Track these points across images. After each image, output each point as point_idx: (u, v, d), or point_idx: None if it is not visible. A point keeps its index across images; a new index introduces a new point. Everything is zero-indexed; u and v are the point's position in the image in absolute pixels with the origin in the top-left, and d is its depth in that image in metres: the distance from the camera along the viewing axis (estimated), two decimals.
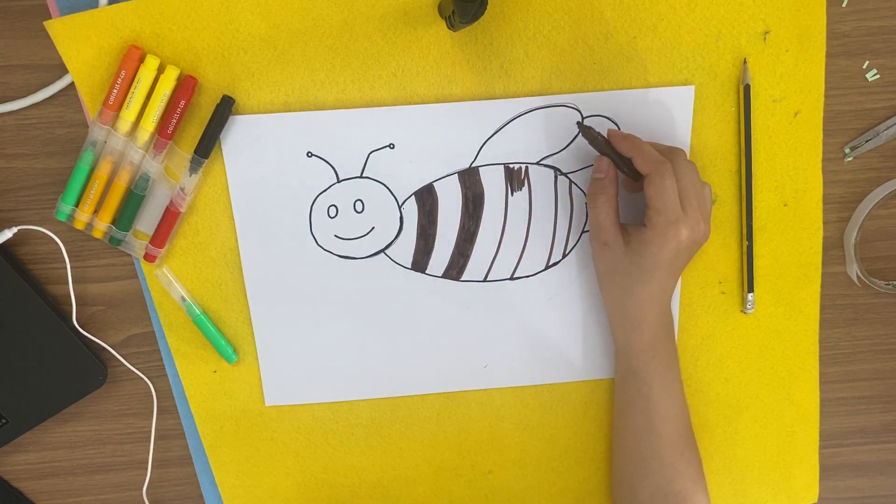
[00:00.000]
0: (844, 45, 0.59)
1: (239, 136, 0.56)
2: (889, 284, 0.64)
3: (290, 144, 0.57)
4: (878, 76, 0.60)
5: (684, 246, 0.53)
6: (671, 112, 0.58)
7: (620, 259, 0.55)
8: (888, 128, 0.60)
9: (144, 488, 0.64)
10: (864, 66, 0.60)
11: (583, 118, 0.57)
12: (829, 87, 0.59)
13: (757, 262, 0.62)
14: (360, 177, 0.58)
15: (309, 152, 0.57)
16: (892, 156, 0.62)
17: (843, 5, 0.58)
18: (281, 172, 0.57)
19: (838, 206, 0.63)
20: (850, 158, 0.62)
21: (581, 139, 0.58)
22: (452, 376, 0.64)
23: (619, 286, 0.57)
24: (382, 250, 0.60)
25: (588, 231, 0.61)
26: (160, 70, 0.53)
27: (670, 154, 0.54)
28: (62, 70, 0.55)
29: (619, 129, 0.58)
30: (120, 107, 0.54)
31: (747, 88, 0.58)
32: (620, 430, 0.61)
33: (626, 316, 0.57)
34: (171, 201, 0.56)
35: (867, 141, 0.61)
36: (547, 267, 0.61)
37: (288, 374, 0.63)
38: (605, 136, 0.55)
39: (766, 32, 0.57)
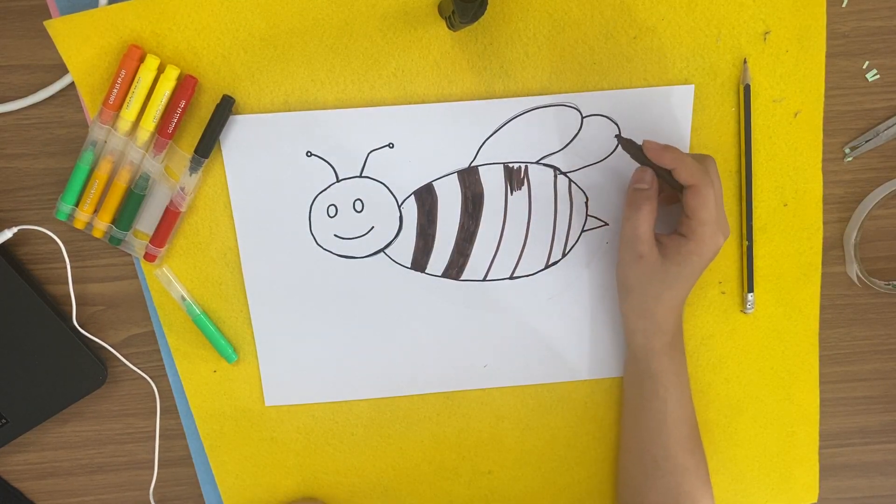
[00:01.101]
0: (844, 45, 0.59)
1: (238, 135, 0.56)
2: (889, 284, 0.64)
3: (290, 144, 0.57)
4: (878, 76, 0.60)
5: (717, 253, 0.54)
6: (671, 111, 0.58)
7: (654, 269, 0.54)
8: (888, 128, 0.60)
9: (151, 489, 0.64)
10: (864, 66, 0.60)
11: (582, 118, 0.57)
12: (829, 87, 0.59)
13: (757, 262, 0.62)
14: (360, 176, 0.58)
15: (308, 152, 0.57)
16: (892, 156, 0.62)
17: (843, 5, 0.58)
18: (280, 172, 0.57)
19: (838, 206, 0.63)
20: (850, 158, 0.62)
21: (581, 140, 0.58)
22: (452, 376, 0.64)
23: (649, 294, 0.56)
24: (382, 250, 0.60)
25: (588, 231, 0.61)
26: (160, 70, 0.54)
27: (704, 161, 0.54)
28: (62, 70, 0.55)
29: (619, 128, 0.58)
30: (120, 106, 0.54)
31: (747, 88, 0.58)
32: (631, 432, 0.61)
33: (652, 321, 0.57)
34: (171, 201, 0.56)
35: (867, 141, 0.61)
36: (547, 266, 0.61)
37: (288, 373, 0.62)
38: (641, 145, 0.54)
39: (766, 32, 0.57)
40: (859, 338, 0.66)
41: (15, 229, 0.56)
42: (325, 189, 0.58)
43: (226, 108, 0.55)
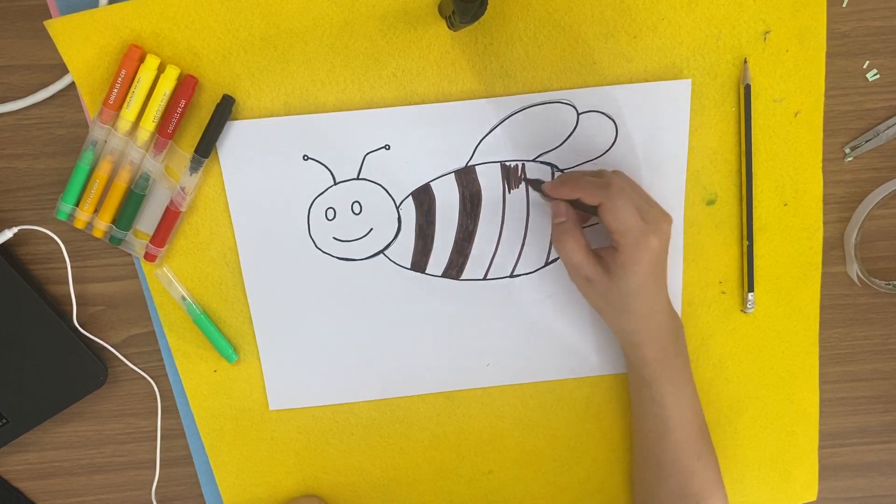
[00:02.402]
0: (844, 45, 0.59)
1: (234, 141, 0.56)
2: (889, 284, 0.64)
3: (286, 148, 0.57)
4: (878, 76, 0.60)
5: (658, 251, 0.53)
6: (668, 106, 0.58)
7: (607, 287, 0.55)
8: (888, 128, 0.60)
9: (153, 489, 0.64)
10: (864, 66, 0.60)
11: (578, 115, 0.57)
12: (829, 87, 0.59)
13: (757, 262, 0.62)
14: (357, 178, 0.58)
15: (305, 155, 0.57)
16: (892, 156, 0.62)
17: (843, 5, 0.58)
18: (277, 176, 0.57)
19: (838, 206, 0.63)
20: (850, 158, 0.62)
21: (578, 137, 0.58)
22: (455, 376, 0.64)
23: (614, 307, 0.56)
24: (381, 251, 0.60)
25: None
26: (160, 70, 0.54)
27: (605, 174, 0.54)
28: (62, 70, 0.55)
29: (615, 125, 0.58)
30: (120, 106, 0.54)
31: (747, 88, 0.58)
32: (637, 435, 0.62)
33: (630, 332, 0.57)
34: (172, 201, 0.56)
35: (867, 141, 0.61)
36: (546, 263, 0.61)
37: (291, 378, 0.62)
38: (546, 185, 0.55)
39: (767, 32, 0.57)
40: (859, 338, 0.66)
41: (15, 229, 0.56)
42: (322, 192, 0.58)
43: (226, 108, 0.55)
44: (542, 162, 0.59)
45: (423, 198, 0.59)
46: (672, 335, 0.58)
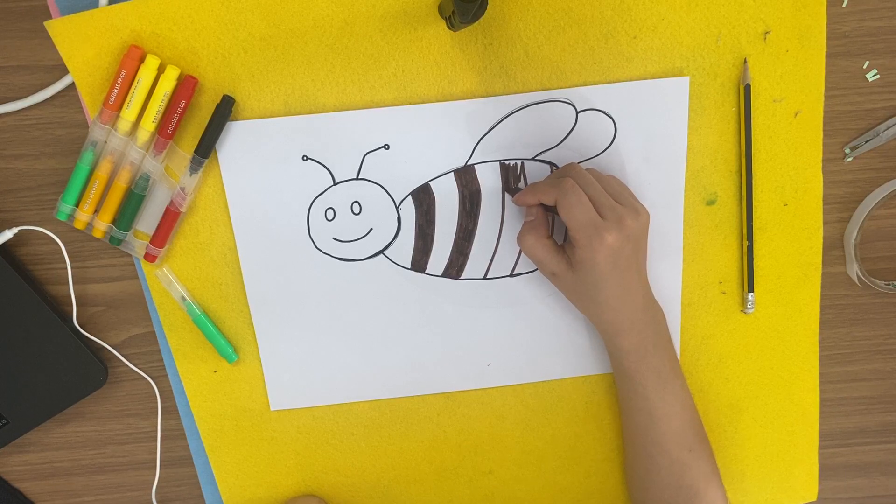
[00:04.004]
0: (844, 45, 0.59)
1: (234, 141, 0.56)
2: (889, 284, 0.64)
3: (285, 149, 0.57)
4: (878, 76, 0.60)
5: (618, 247, 0.53)
6: (666, 104, 0.58)
7: (572, 279, 0.56)
8: (888, 128, 0.60)
9: (154, 489, 0.64)
10: (864, 67, 0.60)
11: (577, 113, 0.57)
12: (829, 87, 0.59)
13: (757, 262, 0.62)
14: (357, 178, 0.58)
15: (304, 156, 0.57)
16: (892, 156, 0.62)
17: (843, 5, 0.58)
18: (277, 177, 0.57)
19: (838, 206, 0.63)
20: (850, 158, 0.62)
21: (577, 136, 0.58)
22: (456, 376, 0.64)
23: (584, 300, 0.57)
24: (381, 251, 0.60)
25: None
26: (160, 70, 0.54)
27: (564, 172, 0.55)
28: (63, 70, 0.55)
29: (614, 122, 0.58)
30: (120, 107, 0.54)
31: (747, 88, 0.58)
32: (626, 429, 0.62)
33: (604, 323, 0.57)
34: (172, 201, 0.56)
35: (867, 141, 0.61)
36: None
37: (292, 378, 0.62)
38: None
39: (767, 32, 0.57)
40: (859, 338, 0.66)
41: (15, 230, 0.56)
42: (322, 192, 0.58)
43: (226, 109, 0.55)
44: (541, 160, 0.59)
45: (423, 197, 0.59)
46: (650, 326, 0.58)
